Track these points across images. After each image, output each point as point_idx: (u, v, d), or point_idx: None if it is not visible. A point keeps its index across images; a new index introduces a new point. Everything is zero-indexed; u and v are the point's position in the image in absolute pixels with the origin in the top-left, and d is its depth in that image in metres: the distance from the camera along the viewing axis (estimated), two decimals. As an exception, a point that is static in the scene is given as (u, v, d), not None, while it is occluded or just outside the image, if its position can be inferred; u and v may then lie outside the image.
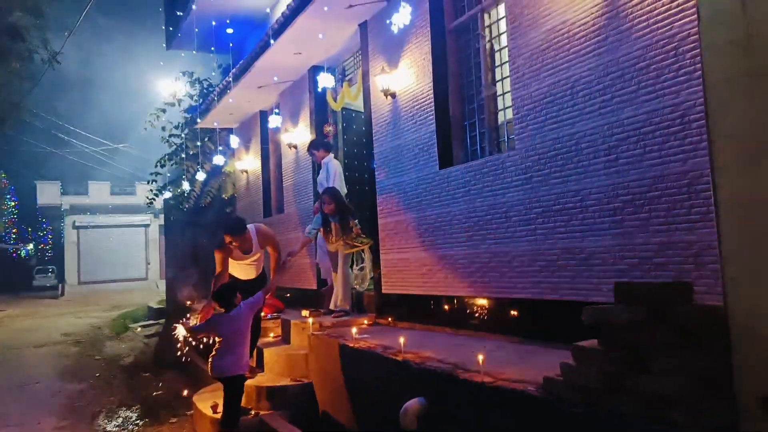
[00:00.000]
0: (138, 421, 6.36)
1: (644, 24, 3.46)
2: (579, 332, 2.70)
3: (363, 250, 6.07)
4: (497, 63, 5.14)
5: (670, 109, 3.28)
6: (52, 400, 7.34)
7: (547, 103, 4.15)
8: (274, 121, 8.90)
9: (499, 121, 5.12)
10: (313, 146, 7.02)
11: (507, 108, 4.91)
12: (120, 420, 6.53)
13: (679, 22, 3.24)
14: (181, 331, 4.92)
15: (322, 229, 6.19)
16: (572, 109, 3.94)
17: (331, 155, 6.92)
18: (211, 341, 5.06)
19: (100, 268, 34.46)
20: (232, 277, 5.64)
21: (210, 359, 4.79)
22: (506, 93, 4.90)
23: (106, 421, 6.51)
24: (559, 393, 2.65)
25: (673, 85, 3.27)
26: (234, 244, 5.29)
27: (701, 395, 2.06)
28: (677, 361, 2.10)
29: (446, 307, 5.37)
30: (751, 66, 2.11)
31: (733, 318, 2.15)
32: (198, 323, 5.01)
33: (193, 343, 5.83)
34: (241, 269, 5.63)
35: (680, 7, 3.24)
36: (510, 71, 4.59)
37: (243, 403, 5.20)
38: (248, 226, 5.45)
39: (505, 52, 4.79)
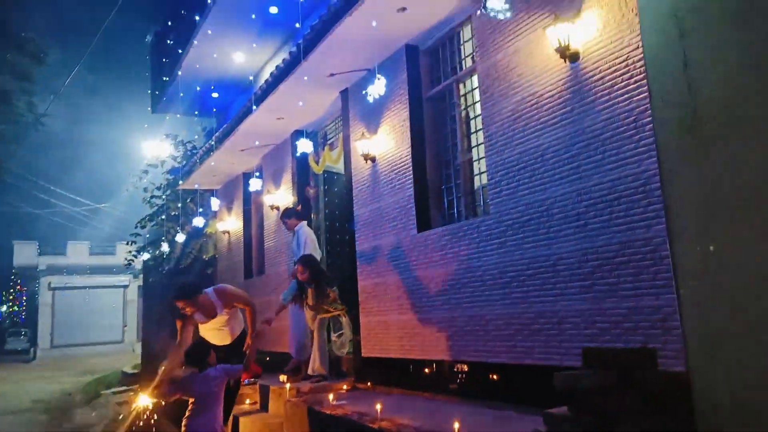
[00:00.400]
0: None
1: (606, 98, 3.67)
2: (553, 397, 2.72)
3: (340, 316, 6.03)
4: (472, 130, 5.35)
5: (633, 177, 3.43)
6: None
7: (520, 170, 4.31)
8: (256, 183, 9.02)
9: (475, 186, 5.27)
10: (284, 215, 7.17)
11: (482, 173, 5.07)
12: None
13: (637, 98, 3.44)
14: (144, 401, 4.73)
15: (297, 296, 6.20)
16: (543, 175, 4.09)
17: (303, 223, 6.95)
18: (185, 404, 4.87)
19: (74, 331, 33.43)
20: (207, 343, 5.39)
21: (184, 421, 4.62)
22: (481, 159, 5.07)
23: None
24: (533, 461, 2.63)
25: (635, 155, 3.44)
26: (188, 309, 4.77)
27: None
28: (644, 425, 2.12)
29: (425, 370, 5.33)
30: (696, 140, 2.26)
31: (695, 384, 2.20)
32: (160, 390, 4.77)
33: (164, 408, 5.61)
34: (213, 335, 5.21)
35: (637, 84, 3.46)
36: (484, 138, 4.78)
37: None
38: (207, 289, 5.00)
39: (480, 119, 5.00)
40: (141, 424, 5.66)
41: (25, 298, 38.19)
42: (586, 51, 3.81)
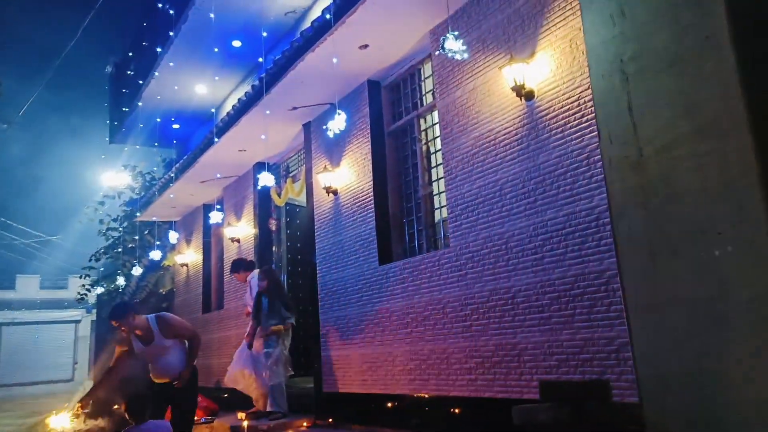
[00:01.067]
0: None
1: (560, 135, 3.81)
2: (513, 430, 2.74)
3: (281, 338, 6.02)
4: (433, 164, 5.45)
5: (586, 212, 3.55)
6: None
7: (479, 204, 4.40)
8: (215, 217, 8.90)
9: (436, 219, 5.35)
10: (233, 269, 7.15)
11: (443, 207, 5.16)
12: None
13: (588, 136, 3.60)
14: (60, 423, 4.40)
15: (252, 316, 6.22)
16: (501, 209, 4.19)
17: (255, 272, 6.78)
18: None
19: (21, 370, 31.71)
20: (147, 394, 5.07)
21: None
22: (442, 192, 5.16)
23: None
24: (493, 497, 2.63)
25: (588, 190, 3.57)
26: (123, 329, 4.63)
27: (623, 495, 2.11)
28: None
29: (387, 405, 5.27)
30: (641, 178, 2.37)
31: (648, 415, 2.26)
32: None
33: None
34: (153, 369, 4.91)
35: (589, 122, 3.62)
36: (444, 172, 4.87)
37: None
38: (148, 315, 4.81)
39: (440, 154, 5.11)
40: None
41: (-33, 334, 36.09)
42: (540, 90, 3.97)
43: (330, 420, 5.73)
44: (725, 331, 2.07)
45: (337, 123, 4.75)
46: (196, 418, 6.88)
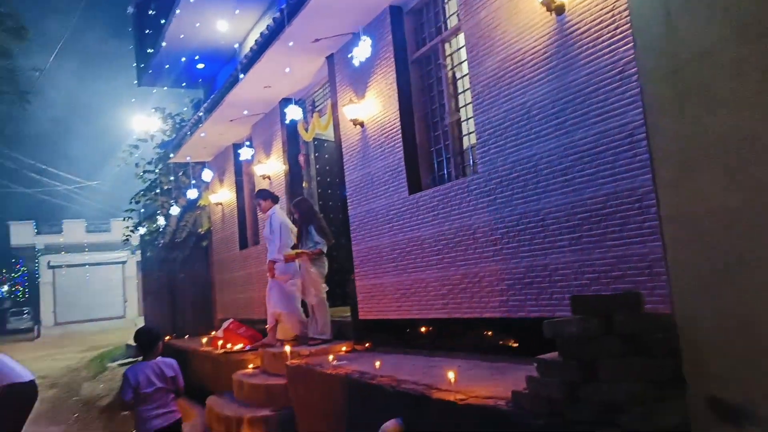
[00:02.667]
0: (117, 462, 6.26)
1: (591, 51, 3.66)
2: (546, 348, 2.81)
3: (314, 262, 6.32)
4: (460, 90, 5.34)
5: (618, 129, 3.46)
6: (27, 447, 7.17)
7: (506, 128, 4.33)
8: (245, 153, 9.00)
9: (464, 146, 5.29)
10: (259, 195, 7.03)
11: (471, 133, 5.09)
12: (98, 463, 6.42)
13: (622, 49, 3.44)
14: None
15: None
16: (529, 132, 4.12)
17: (277, 207, 6.84)
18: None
19: (76, 308, 33.75)
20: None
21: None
22: (469, 119, 5.09)
23: (83, 464, 6.39)
24: (526, 405, 2.74)
25: (620, 107, 3.46)
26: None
27: (652, 399, 2.17)
28: (627, 368, 2.22)
29: (421, 329, 5.45)
30: (678, 88, 2.29)
31: (681, 325, 2.29)
32: None
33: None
34: None
35: (623, 34, 3.45)
36: (471, 98, 4.78)
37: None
38: None
39: (467, 79, 4.99)
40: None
41: (25, 277, 38.34)
42: (571, 2, 3.79)
43: (367, 345, 5.97)
44: (759, 239, 2.05)
45: (362, 50, 4.65)
46: (242, 346, 7.32)
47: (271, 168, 8.54)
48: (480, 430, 3.04)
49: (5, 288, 38.58)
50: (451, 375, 3.48)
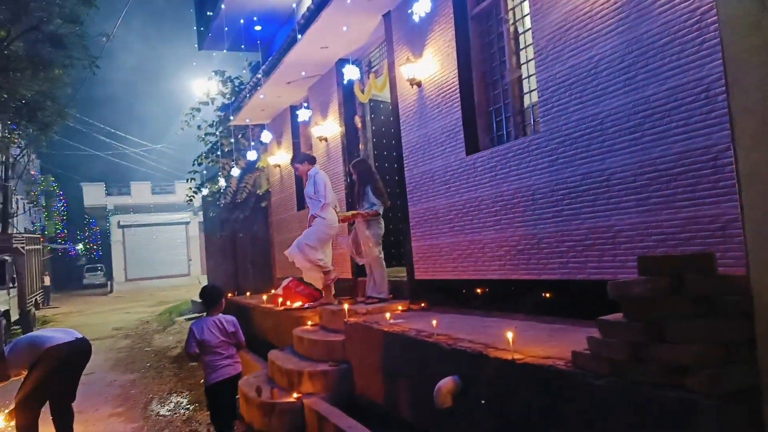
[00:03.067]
0: (188, 406, 6.68)
1: (666, -1, 3.44)
2: (606, 310, 2.76)
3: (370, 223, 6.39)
4: (521, 46, 5.16)
5: (694, 83, 3.27)
6: (108, 390, 7.77)
7: (571, 84, 4.17)
8: (303, 114, 9.07)
9: (525, 105, 5.15)
10: (295, 160, 7.00)
11: (532, 91, 4.94)
12: (171, 405, 6.87)
13: (700, -4, 3.22)
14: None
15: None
16: (596, 88, 3.95)
17: (317, 167, 6.83)
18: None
19: (145, 266, 35.73)
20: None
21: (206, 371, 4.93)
22: (531, 76, 4.93)
23: (158, 406, 6.86)
24: (586, 366, 2.72)
25: (697, 59, 3.26)
26: None
27: (720, 362, 2.11)
28: (696, 330, 2.15)
29: (477, 290, 5.45)
30: (762, 37, 2.13)
31: (756, 288, 2.19)
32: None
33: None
34: None
35: (701, -19, 3.22)
36: (534, 54, 4.61)
37: (286, 386, 5.52)
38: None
39: (529, 34, 4.81)
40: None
41: (98, 236, 40.70)
42: (644, -51, 3.55)
43: (423, 304, 6.04)
44: None
45: (421, 5, 4.53)
46: (301, 303, 7.56)
47: (327, 130, 8.61)
48: (538, 389, 3.05)
49: (80, 246, 41.10)
50: (508, 335, 3.48)
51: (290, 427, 5.21)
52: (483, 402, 3.52)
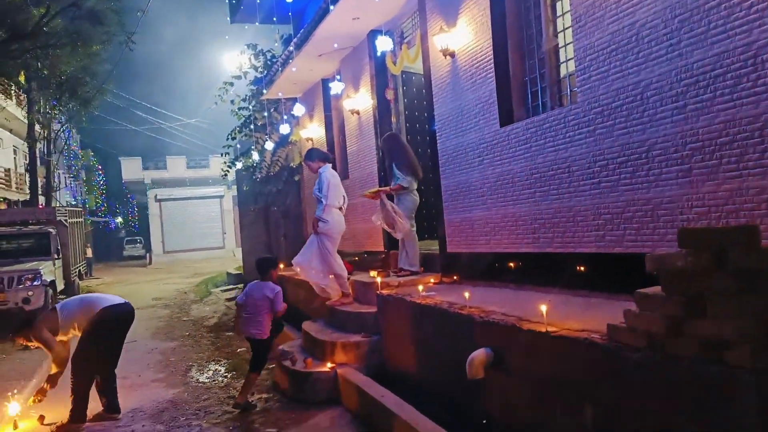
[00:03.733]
0: (226, 374, 6.88)
1: (714, -40, 3.27)
2: (643, 285, 2.70)
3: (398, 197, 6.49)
4: (558, 13, 5.00)
5: (742, 49, 3.12)
6: (149, 356, 8.06)
7: (611, 52, 4.03)
8: (335, 87, 9.03)
9: (562, 75, 5.01)
10: (307, 157, 6.73)
11: (569, 60, 4.80)
12: (210, 373, 7.10)
13: (752, -44, 3.05)
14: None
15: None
16: (637, 56, 3.81)
17: (327, 166, 6.52)
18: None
19: (181, 239, 36.65)
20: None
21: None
22: (568, 44, 4.78)
23: (197, 373, 7.09)
24: (622, 339, 2.69)
25: (745, 23, 3.11)
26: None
27: (763, 337, 2.05)
28: (737, 304, 2.09)
29: (510, 264, 5.41)
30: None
31: (802, 261, 2.11)
32: None
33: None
34: None
35: (754, -61, 3.05)
36: (572, 21, 4.47)
37: (319, 356, 5.70)
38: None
39: (567, 1, 4.66)
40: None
41: (136, 209, 41.82)
42: None
43: (455, 277, 6.04)
44: None
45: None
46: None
47: (359, 103, 8.57)
48: (572, 362, 3.03)
49: (120, 219, 42.34)
50: (542, 308, 3.46)
51: (324, 395, 5.34)
52: (515, 373, 3.53)
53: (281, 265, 11.44)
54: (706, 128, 3.33)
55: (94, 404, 5.36)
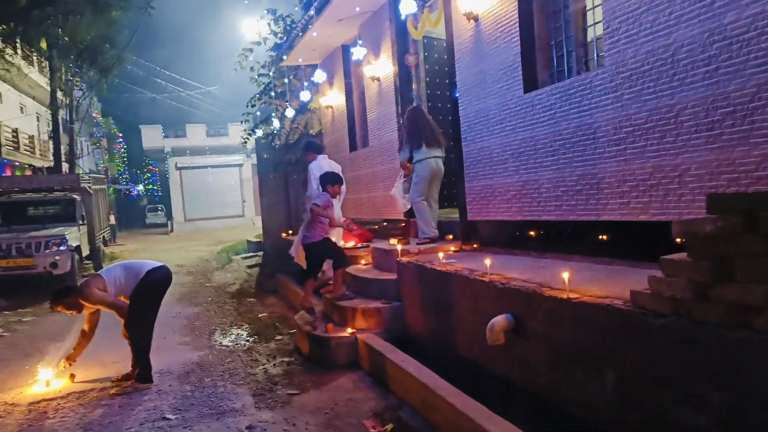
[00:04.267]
0: (248, 338, 7.04)
1: None
2: (668, 253, 2.68)
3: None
4: (586, -26, 4.85)
5: (780, 9, 3.01)
6: (174, 321, 8.26)
7: (641, 13, 3.91)
8: (357, 53, 8.91)
9: (588, 38, 4.89)
10: (306, 148, 7.51)
11: (597, 23, 4.68)
12: (233, 336, 7.27)
13: None
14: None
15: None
16: (668, 16, 3.69)
17: (319, 157, 7.18)
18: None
19: (202, 207, 37.09)
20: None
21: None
22: (596, 6, 4.65)
23: (221, 337, 7.26)
24: (646, 305, 2.68)
25: (785, -18, 2.98)
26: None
27: (793, 303, 2.04)
28: (765, 269, 2.07)
29: (531, 232, 5.40)
30: None
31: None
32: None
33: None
34: None
35: None
36: (600, -18, 4.33)
37: (340, 322, 5.79)
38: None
39: (595, -39, 4.51)
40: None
41: (157, 177, 42.30)
42: None
43: (475, 245, 6.05)
44: None
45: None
46: (354, 243, 7.72)
47: (379, 69, 8.46)
48: (594, 328, 3.04)
49: (141, 187, 42.90)
50: (563, 275, 3.46)
51: (345, 360, 5.45)
52: (536, 339, 3.55)
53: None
54: (737, 92, 3.23)
55: (122, 365, 5.56)
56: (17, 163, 20.86)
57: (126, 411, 4.72)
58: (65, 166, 19.98)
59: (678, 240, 2.55)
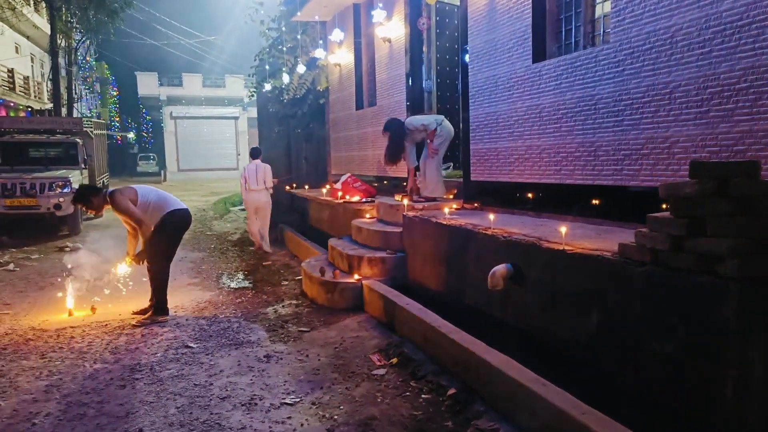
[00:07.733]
0: (256, 283, 7.49)
1: None
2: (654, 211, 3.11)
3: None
4: (599, -48, 5.14)
5: (770, 2, 3.37)
6: (181, 264, 8.65)
7: (647, -4, 4.25)
8: (377, 15, 9.02)
9: (596, 15, 5.22)
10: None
11: (605, 1, 5.00)
12: (239, 279, 7.71)
13: None
14: None
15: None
16: (671, 1, 4.04)
17: (256, 162, 9.14)
18: None
19: (196, 158, 37.04)
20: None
21: None
22: (606, -15, 4.96)
23: (228, 280, 7.71)
24: (630, 255, 3.14)
25: (777, -23, 3.34)
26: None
27: (752, 254, 2.49)
28: (733, 226, 2.51)
29: (530, 194, 5.83)
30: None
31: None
32: None
33: None
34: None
35: None
36: (611, -38, 4.64)
37: (346, 270, 6.20)
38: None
39: (608, -59, 4.80)
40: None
41: (150, 125, 41.93)
42: None
43: (476, 204, 6.48)
44: None
45: None
46: (359, 198, 8.11)
47: (391, 30, 8.69)
48: (585, 275, 3.50)
49: (132, 134, 42.53)
50: (561, 229, 3.90)
51: (350, 303, 5.91)
52: (533, 286, 4.02)
53: (306, 186, 11.93)
54: (726, 74, 3.63)
55: (139, 300, 6.00)
56: (12, 104, 20.77)
57: (149, 339, 5.16)
58: (63, 110, 19.96)
59: (663, 206, 2.98)
